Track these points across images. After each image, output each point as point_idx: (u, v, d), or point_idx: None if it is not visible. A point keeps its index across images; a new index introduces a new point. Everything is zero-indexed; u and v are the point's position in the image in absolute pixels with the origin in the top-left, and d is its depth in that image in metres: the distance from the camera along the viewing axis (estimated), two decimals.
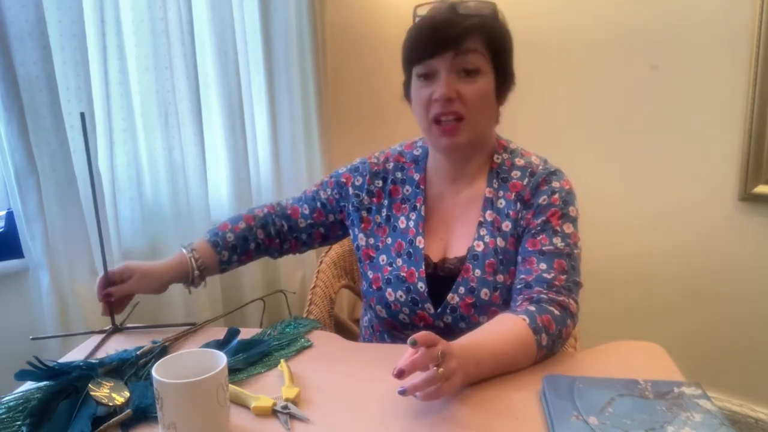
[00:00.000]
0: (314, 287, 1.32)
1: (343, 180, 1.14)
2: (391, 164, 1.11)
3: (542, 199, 0.99)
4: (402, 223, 1.07)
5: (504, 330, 0.87)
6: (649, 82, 1.95)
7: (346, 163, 1.17)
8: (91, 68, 1.40)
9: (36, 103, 1.28)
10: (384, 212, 1.09)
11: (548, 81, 2.01)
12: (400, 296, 1.03)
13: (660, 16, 1.90)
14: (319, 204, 1.15)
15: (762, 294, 1.87)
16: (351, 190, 1.12)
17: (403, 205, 1.09)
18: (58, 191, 1.34)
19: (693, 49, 1.86)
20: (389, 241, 1.07)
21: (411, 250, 1.05)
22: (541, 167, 1.02)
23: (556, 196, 0.99)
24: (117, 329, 1.06)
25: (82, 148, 1.40)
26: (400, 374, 0.72)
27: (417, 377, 0.73)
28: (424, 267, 1.03)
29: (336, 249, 1.45)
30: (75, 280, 1.39)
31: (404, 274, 1.04)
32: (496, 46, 0.97)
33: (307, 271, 2.11)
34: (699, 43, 1.84)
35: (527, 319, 0.87)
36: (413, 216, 1.07)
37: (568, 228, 0.97)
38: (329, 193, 1.15)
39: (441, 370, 0.73)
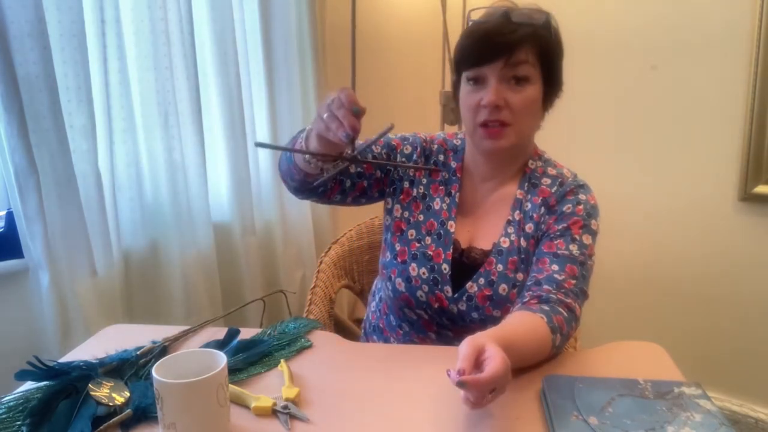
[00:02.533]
0: (314, 287, 1.33)
1: (394, 144, 1.13)
2: (435, 146, 1.14)
3: (567, 208, 1.02)
4: (437, 204, 1.10)
5: (528, 327, 0.88)
6: (648, 82, 1.95)
7: None
8: (91, 68, 1.40)
9: (36, 103, 1.28)
10: (422, 189, 1.12)
11: None
12: (423, 273, 1.06)
13: (660, 17, 1.90)
14: (370, 156, 1.11)
15: (762, 294, 1.87)
16: (399, 157, 1.12)
17: (440, 187, 1.11)
18: (58, 191, 1.34)
19: (693, 50, 1.86)
20: (421, 218, 1.10)
21: (442, 231, 1.08)
22: (571, 179, 1.06)
23: (581, 207, 1.02)
24: (356, 159, 0.85)
25: (83, 148, 1.41)
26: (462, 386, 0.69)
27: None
28: (451, 250, 1.05)
29: (336, 249, 1.45)
30: (75, 280, 1.39)
31: (431, 253, 1.06)
32: (546, 56, 0.98)
33: (307, 271, 2.11)
34: (699, 43, 1.84)
35: (545, 318, 0.88)
36: (447, 200, 1.10)
37: (586, 239, 1.00)
38: (380, 149, 1.12)
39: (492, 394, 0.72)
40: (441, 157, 1.13)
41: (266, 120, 1.95)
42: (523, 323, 0.88)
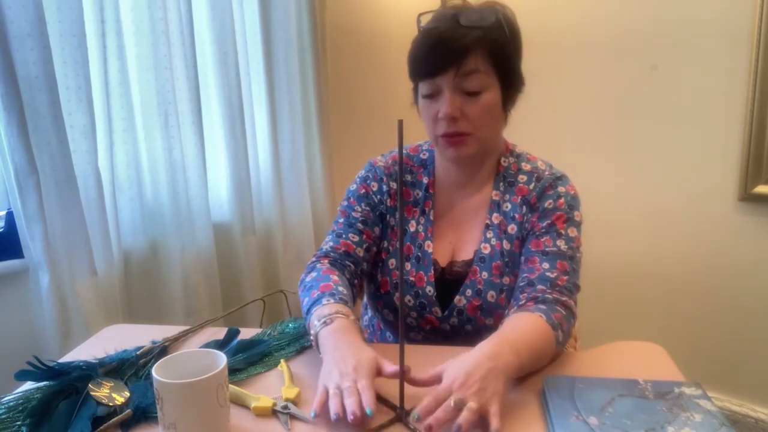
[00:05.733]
0: None
1: (363, 192, 1.09)
2: None
3: (548, 203, 1.00)
4: (412, 227, 1.07)
5: (529, 326, 0.86)
6: (648, 82, 1.95)
7: (345, 163, 1.16)
8: (91, 68, 1.40)
9: (36, 103, 1.28)
10: (397, 215, 1.08)
11: (547, 81, 2.01)
12: (409, 301, 1.04)
13: (660, 16, 1.90)
14: (360, 225, 1.07)
15: (762, 294, 1.86)
16: (376, 198, 1.08)
17: (414, 209, 1.08)
18: (58, 191, 1.34)
19: (693, 49, 1.86)
20: (398, 244, 1.07)
21: (420, 254, 1.05)
22: (547, 172, 1.03)
23: (562, 200, 1.00)
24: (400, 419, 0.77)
25: (83, 148, 1.40)
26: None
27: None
28: (432, 271, 1.03)
29: None
30: (75, 280, 1.39)
31: (413, 279, 1.04)
32: (499, 58, 0.94)
33: None
34: (699, 43, 1.84)
35: (544, 317, 0.87)
36: (422, 220, 1.07)
37: (572, 232, 0.98)
38: (360, 210, 1.08)
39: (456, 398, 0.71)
40: (409, 177, 1.09)
41: (266, 120, 1.96)
42: (523, 323, 0.87)
